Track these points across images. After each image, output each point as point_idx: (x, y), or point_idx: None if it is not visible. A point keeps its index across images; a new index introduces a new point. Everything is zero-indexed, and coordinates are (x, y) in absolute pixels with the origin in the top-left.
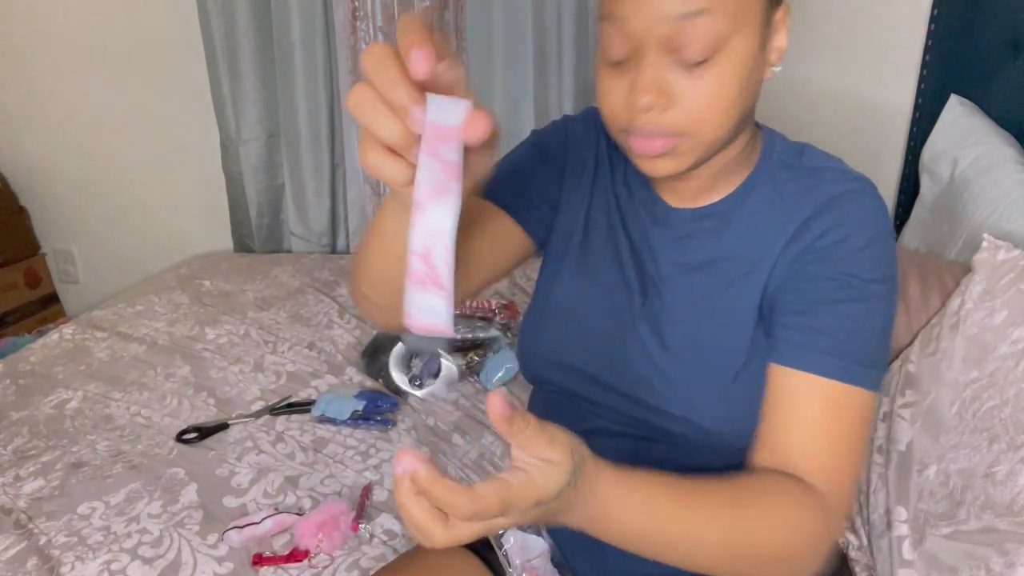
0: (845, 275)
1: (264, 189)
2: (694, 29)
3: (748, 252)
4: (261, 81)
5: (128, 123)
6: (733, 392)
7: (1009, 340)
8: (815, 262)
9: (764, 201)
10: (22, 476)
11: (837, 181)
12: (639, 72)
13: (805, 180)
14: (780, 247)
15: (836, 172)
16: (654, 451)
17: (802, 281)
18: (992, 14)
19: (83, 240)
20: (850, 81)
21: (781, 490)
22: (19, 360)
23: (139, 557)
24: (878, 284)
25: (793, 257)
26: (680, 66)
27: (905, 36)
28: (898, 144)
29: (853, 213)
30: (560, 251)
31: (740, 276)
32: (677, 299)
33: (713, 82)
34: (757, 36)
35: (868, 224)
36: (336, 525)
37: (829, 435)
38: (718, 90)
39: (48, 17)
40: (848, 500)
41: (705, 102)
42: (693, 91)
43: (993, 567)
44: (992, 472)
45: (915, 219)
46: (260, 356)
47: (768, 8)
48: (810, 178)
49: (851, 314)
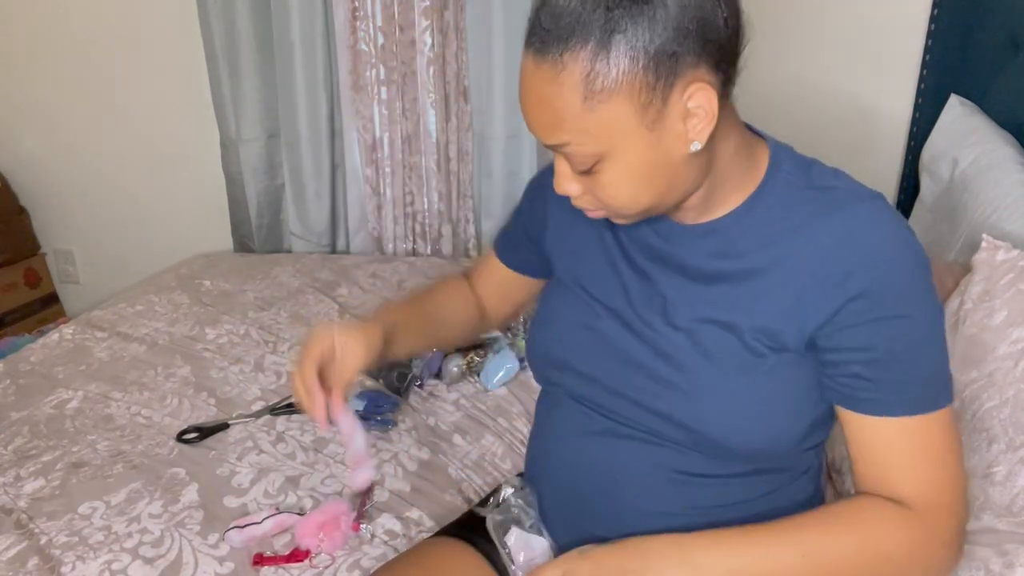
0: (896, 318)
1: (264, 189)
2: (568, 155)
3: (758, 270)
4: (261, 81)
5: (128, 123)
6: (739, 403)
7: (1008, 340)
8: (864, 315)
9: (772, 221)
10: (23, 476)
11: (851, 204)
12: (555, 166)
13: (816, 203)
14: (806, 277)
15: (847, 193)
16: (662, 454)
17: (856, 334)
18: (992, 14)
19: (83, 240)
20: (850, 81)
21: (872, 511)
22: (19, 360)
23: (140, 557)
24: (926, 309)
25: (833, 301)
26: (572, 168)
27: (905, 36)
28: (898, 144)
29: (883, 252)
30: (562, 267)
31: (750, 292)
32: (681, 309)
33: (608, 185)
34: (641, 140)
35: (895, 255)
36: (337, 525)
37: (918, 466)
38: (615, 188)
39: (48, 18)
40: (956, 517)
41: (607, 194)
42: (594, 185)
43: (992, 567)
44: (991, 473)
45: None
46: (260, 356)
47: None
48: (821, 201)
49: (912, 357)
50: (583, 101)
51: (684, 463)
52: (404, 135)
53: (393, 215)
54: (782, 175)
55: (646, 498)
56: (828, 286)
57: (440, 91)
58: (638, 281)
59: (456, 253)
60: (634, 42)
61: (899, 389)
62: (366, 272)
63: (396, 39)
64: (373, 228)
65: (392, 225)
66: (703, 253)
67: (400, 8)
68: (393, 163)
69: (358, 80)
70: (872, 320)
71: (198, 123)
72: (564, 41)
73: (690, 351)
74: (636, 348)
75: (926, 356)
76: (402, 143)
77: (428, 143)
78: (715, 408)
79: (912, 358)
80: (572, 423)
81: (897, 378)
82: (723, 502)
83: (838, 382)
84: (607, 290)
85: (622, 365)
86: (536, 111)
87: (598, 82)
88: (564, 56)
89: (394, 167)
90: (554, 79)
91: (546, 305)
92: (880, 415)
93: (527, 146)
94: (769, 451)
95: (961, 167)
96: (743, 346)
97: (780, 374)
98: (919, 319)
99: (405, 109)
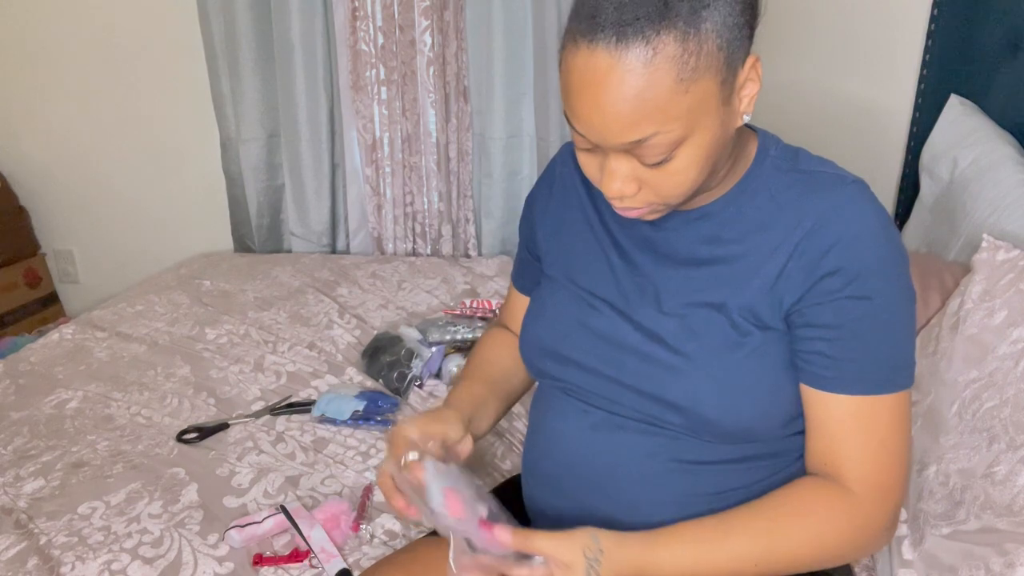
0: (864, 298)
1: (264, 189)
2: (645, 150)
3: (745, 251)
4: (261, 81)
5: (128, 123)
6: (732, 382)
7: (1009, 340)
8: (835, 294)
9: (759, 204)
10: (22, 476)
11: (835, 186)
12: (606, 164)
13: (801, 185)
14: (786, 255)
15: (832, 176)
16: (657, 443)
17: (824, 311)
18: (992, 14)
19: (83, 240)
20: (850, 81)
21: (811, 500)
22: (19, 360)
23: (139, 557)
24: (897, 292)
25: (808, 277)
26: (642, 163)
27: (905, 36)
28: (898, 144)
29: (860, 231)
30: (554, 266)
31: (737, 272)
32: (672, 294)
33: (678, 172)
34: (717, 117)
35: (871, 235)
36: (336, 525)
37: (865, 445)
38: (684, 174)
39: (48, 18)
40: (893, 497)
41: (673, 183)
42: (657, 180)
43: (993, 567)
44: (992, 472)
45: (915, 219)
46: (260, 356)
47: (723, 87)
48: (806, 183)
49: (875, 338)
50: (676, 84)
51: (680, 450)
52: (404, 135)
53: (393, 215)
54: (770, 160)
55: (644, 488)
56: (806, 263)
57: (440, 91)
58: (629, 272)
59: (456, 253)
60: (717, 17)
61: (857, 369)
62: (366, 272)
63: (396, 39)
64: (373, 228)
65: (392, 225)
66: (694, 238)
67: (400, 8)
68: (393, 163)
69: (358, 80)
70: (842, 298)
71: (198, 123)
72: (652, 23)
73: (681, 334)
74: (629, 335)
75: (888, 339)
76: (402, 143)
77: (428, 143)
78: (707, 386)
79: (874, 339)
80: (567, 419)
81: (857, 357)
82: (719, 489)
83: (802, 359)
84: (599, 282)
85: (614, 350)
86: (616, 107)
87: (690, 63)
88: (654, 40)
89: (394, 167)
90: (644, 66)
91: (538, 300)
92: (836, 392)
93: (527, 146)
94: (759, 429)
95: (961, 167)
96: (731, 324)
97: (766, 350)
98: (886, 301)
99: (405, 109)
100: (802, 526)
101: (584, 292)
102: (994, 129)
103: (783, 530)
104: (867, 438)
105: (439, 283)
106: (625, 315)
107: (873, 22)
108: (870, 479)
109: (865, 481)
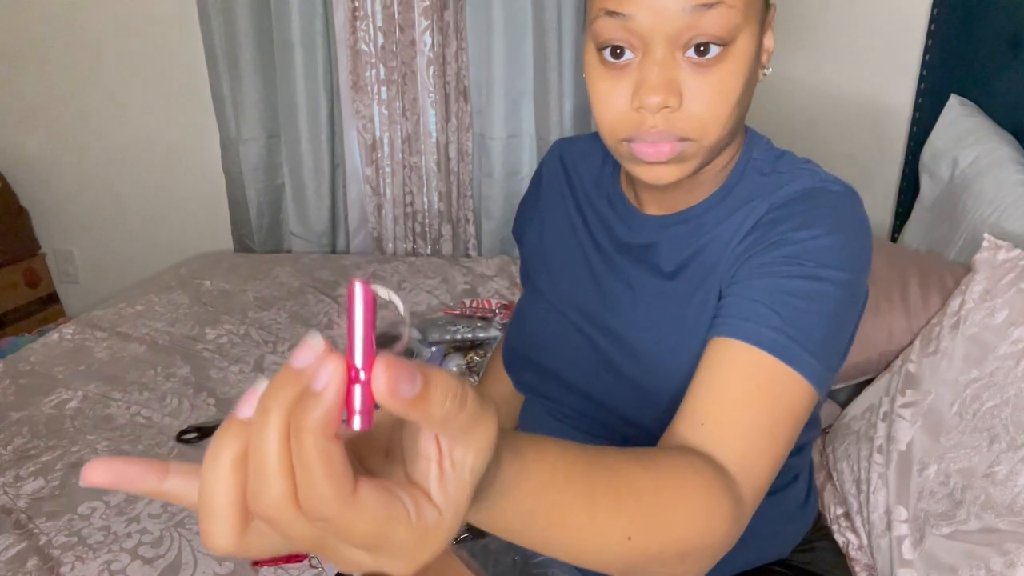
0: (796, 257)
1: (264, 189)
2: (707, 21)
3: (713, 256)
4: (261, 81)
5: (128, 123)
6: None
7: (1009, 340)
8: (766, 245)
9: (734, 206)
10: (22, 476)
11: (803, 179)
12: (646, 70)
13: (772, 183)
14: (734, 244)
15: (805, 172)
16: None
17: (750, 263)
18: (992, 14)
19: (83, 240)
20: (850, 81)
21: (691, 478)
22: (19, 360)
23: (139, 557)
24: (834, 271)
25: (746, 246)
26: (688, 64)
27: (905, 36)
28: (898, 144)
29: (816, 208)
30: (537, 273)
31: (704, 280)
32: (648, 307)
33: (720, 81)
34: (756, 35)
35: (829, 218)
36: None
37: (753, 412)
38: (724, 88)
39: (48, 18)
40: (759, 496)
41: (712, 100)
42: (700, 90)
43: (993, 567)
44: (992, 472)
45: (915, 219)
46: (260, 356)
47: (765, 7)
48: (777, 181)
49: (797, 291)
50: None
51: None
52: (404, 135)
53: (393, 215)
54: (752, 163)
55: None
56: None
57: (440, 91)
58: (609, 278)
59: (456, 253)
60: None
61: (763, 313)
62: (366, 272)
63: (396, 39)
64: (373, 228)
65: (392, 225)
66: (672, 244)
67: (400, 8)
68: (393, 163)
69: (358, 80)
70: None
71: (198, 123)
72: None
73: (654, 348)
74: (607, 348)
75: (809, 305)
76: (402, 143)
77: (428, 143)
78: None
79: (793, 292)
80: (541, 429)
81: (766, 299)
82: None
83: (718, 313)
84: (579, 289)
85: (591, 364)
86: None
87: None
88: None
89: (394, 167)
90: None
91: (519, 309)
92: (736, 336)
93: (527, 146)
94: None
95: (961, 167)
96: (703, 343)
97: None
98: (817, 273)
99: (405, 109)
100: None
101: (564, 301)
102: (994, 129)
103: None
104: (758, 405)
105: (439, 283)
106: (603, 327)
107: (873, 22)
108: (747, 463)
109: (741, 463)
